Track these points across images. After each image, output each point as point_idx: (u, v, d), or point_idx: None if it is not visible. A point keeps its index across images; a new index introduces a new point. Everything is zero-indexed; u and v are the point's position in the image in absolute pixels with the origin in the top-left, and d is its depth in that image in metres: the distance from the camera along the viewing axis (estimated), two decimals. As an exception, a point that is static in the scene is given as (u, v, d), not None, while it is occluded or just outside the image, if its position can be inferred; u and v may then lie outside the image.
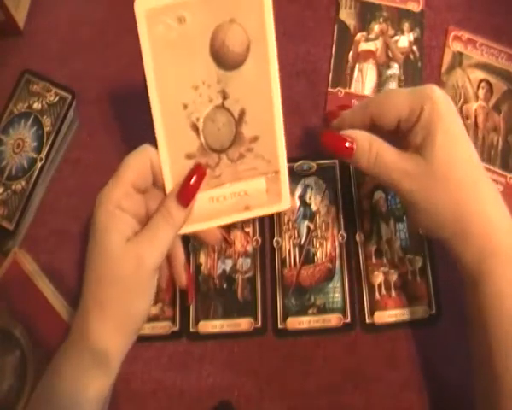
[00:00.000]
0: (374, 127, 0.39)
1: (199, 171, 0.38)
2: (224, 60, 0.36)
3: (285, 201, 0.39)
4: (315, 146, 0.45)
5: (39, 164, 0.52)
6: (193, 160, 0.38)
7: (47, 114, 0.53)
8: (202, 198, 0.38)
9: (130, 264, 0.36)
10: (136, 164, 0.38)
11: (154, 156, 0.38)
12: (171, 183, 0.38)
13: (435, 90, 0.37)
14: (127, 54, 0.57)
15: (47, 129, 0.53)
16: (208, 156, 0.38)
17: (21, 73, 0.55)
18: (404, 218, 0.48)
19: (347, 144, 0.38)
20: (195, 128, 0.37)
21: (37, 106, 0.54)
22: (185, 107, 0.37)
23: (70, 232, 0.51)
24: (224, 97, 0.37)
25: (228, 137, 0.38)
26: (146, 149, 0.38)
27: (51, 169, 0.53)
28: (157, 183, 0.38)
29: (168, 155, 0.37)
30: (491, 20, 0.54)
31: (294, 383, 0.45)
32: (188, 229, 0.39)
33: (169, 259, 0.41)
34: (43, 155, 0.52)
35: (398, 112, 0.37)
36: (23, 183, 0.51)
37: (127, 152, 0.53)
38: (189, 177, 0.37)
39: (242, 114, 0.37)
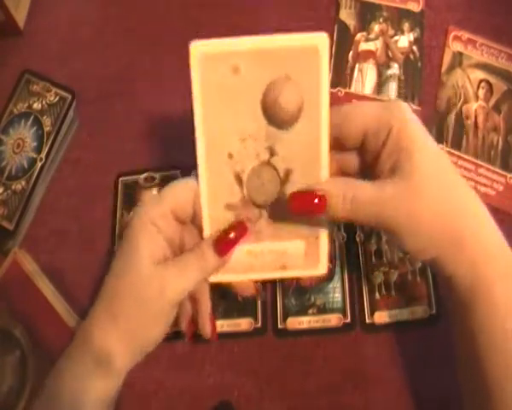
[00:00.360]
0: (336, 145, 0.37)
1: (241, 227, 0.37)
2: (276, 118, 0.35)
3: (322, 266, 0.38)
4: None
5: (39, 164, 0.52)
6: (233, 211, 0.37)
7: (47, 114, 0.53)
8: (239, 252, 0.37)
9: (153, 289, 0.35)
10: (180, 193, 0.37)
11: (198, 194, 0.37)
12: (209, 229, 0.37)
13: (402, 106, 0.35)
14: (127, 54, 0.58)
15: (47, 129, 0.53)
16: (250, 210, 0.37)
17: (21, 73, 0.56)
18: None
19: (316, 200, 0.34)
20: (239, 180, 0.36)
21: (37, 106, 0.54)
22: (230, 156, 0.36)
23: (70, 232, 0.51)
24: (272, 154, 0.36)
25: (271, 194, 0.37)
26: (192, 183, 0.37)
27: (51, 169, 0.53)
28: (195, 221, 0.38)
29: (208, 201, 0.37)
30: (491, 20, 0.54)
31: (294, 383, 0.45)
32: (221, 278, 0.38)
33: (195, 305, 0.40)
34: (43, 155, 0.52)
35: (364, 124, 0.35)
36: (23, 183, 0.51)
37: (127, 152, 0.53)
38: (229, 229, 0.36)
39: (288, 173, 0.36)
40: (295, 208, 0.35)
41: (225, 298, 0.47)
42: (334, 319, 0.45)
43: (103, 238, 0.51)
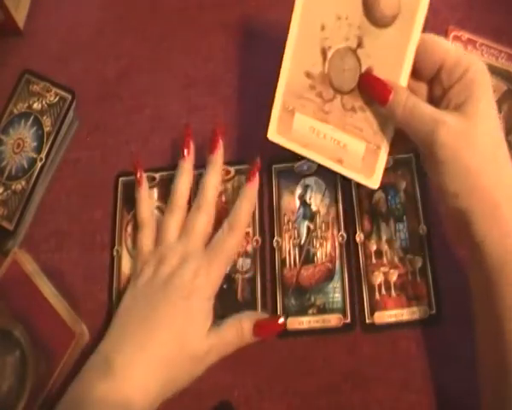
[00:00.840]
0: (411, 73, 0.38)
1: (280, 324, 0.44)
2: (371, 13, 0.37)
3: (376, 179, 0.40)
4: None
5: (39, 164, 0.52)
6: (311, 80, 0.39)
7: (47, 114, 0.53)
8: (304, 122, 0.39)
9: (201, 356, 0.41)
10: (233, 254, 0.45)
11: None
12: (282, 91, 0.40)
13: (482, 64, 0.36)
14: (127, 54, 0.58)
15: (47, 129, 0.53)
16: (324, 87, 0.39)
17: (21, 73, 0.56)
18: (404, 218, 0.48)
19: (386, 89, 0.37)
20: (324, 54, 0.38)
21: (37, 106, 0.54)
22: (323, 28, 0.38)
23: (70, 232, 0.51)
24: (359, 45, 0.38)
25: (349, 83, 0.38)
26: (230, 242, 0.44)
27: (51, 169, 0.53)
28: None
29: (290, 64, 0.39)
30: (491, 20, 0.54)
31: (294, 383, 0.45)
32: (280, 141, 0.41)
33: None
34: (43, 155, 0.52)
35: (444, 55, 0.36)
36: (23, 183, 0.51)
37: (127, 152, 0.53)
38: (272, 321, 0.44)
39: (370, 70, 0.38)
40: (364, 84, 0.38)
41: (224, 298, 0.47)
42: (334, 319, 0.45)
43: (103, 238, 0.51)
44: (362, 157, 0.39)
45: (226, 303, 0.47)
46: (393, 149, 0.40)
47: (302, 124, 0.39)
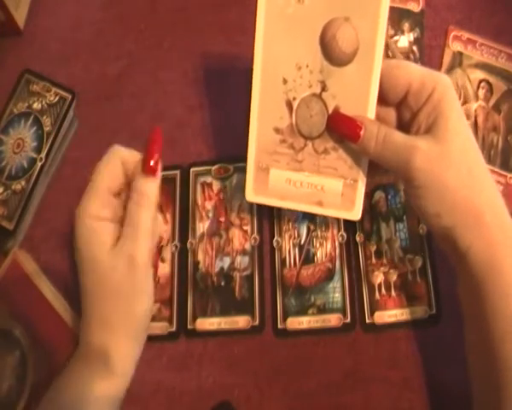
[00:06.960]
0: (377, 98, 0.38)
1: (156, 133, 0.38)
2: (331, 54, 0.37)
3: (357, 211, 0.40)
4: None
5: (39, 164, 0.52)
6: (280, 135, 0.39)
7: (47, 114, 0.53)
8: (280, 176, 0.40)
9: (123, 268, 0.36)
10: (108, 168, 0.39)
11: (125, 155, 0.39)
12: (254, 151, 0.40)
13: (447, 79, 0.36)
14: (127, 54, 0.58)
15: (47, 129, 0.53)
16: (295, 138, 0.39)
17: (21, 73, 0.55)
18: (404, 218, 0.48)
19: (356, 126, 0.37)
20: (289, 106, 0.39)
21: (37, 106, 0.54)
22: (285, 82, 0.38)
23: (70, 232, 0.51)
24: (323, 89, 0.38)
25: (317, 128, 0.39)
26: (115, 151, 0.39)
27: (51, 169, 0.53)
28: (130, 181, 0.39)
29: (258, 123, 0.39)
30: (491, 20, 0.54)
31: (294, 383, 0.45)
32: (258, 200, 0.41)
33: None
34: (43, 155, 0.52)
35: (409, 80, 0.36)
36: (23, 183, 0.51)
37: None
38: (148, 143, 0.38)
39: (336, 110, 0.38)
40: (333, 125, 0.38)
41: (222, 295, 0.47)
42: (334, 319, 0.45)
43: (103, 238, 0.51)
44: (341, 194, 0.40)
45: (224, 300, 0.47)
46: (369, 177, 0.40)
47: (278, 178, 0.40)
